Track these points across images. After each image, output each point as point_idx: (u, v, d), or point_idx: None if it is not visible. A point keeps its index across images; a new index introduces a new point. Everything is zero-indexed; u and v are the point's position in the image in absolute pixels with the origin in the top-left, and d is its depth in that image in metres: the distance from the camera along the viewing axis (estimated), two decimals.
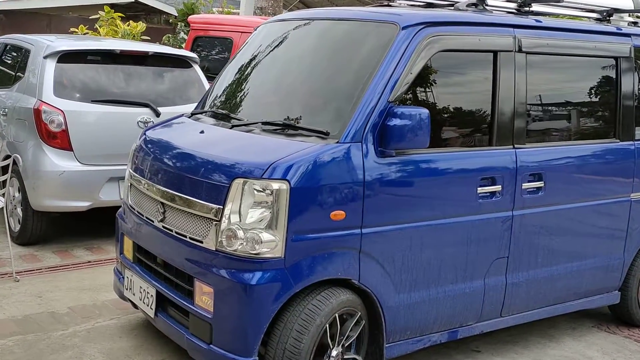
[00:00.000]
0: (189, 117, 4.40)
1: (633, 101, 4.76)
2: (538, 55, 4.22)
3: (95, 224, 6.85)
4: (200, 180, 3.53)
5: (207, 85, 6.83)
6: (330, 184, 3.42)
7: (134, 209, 4.15)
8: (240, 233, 3.35)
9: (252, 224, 3.35)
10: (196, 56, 6.82)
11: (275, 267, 3.33)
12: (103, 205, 6.16)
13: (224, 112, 4.13)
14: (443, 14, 3.93)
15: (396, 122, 3.49)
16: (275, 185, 3.31)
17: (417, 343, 3.91)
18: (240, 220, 3.37)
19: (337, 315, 3.51)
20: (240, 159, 3.47)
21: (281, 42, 4.26)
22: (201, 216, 3.52)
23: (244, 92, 4.29)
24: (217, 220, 3.43)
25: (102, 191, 6.06)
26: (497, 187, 4.00)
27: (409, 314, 3.80)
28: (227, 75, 4.51)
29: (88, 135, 5.98)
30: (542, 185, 4.20)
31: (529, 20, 4.26)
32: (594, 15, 5.01)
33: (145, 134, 4.34)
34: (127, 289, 4.19)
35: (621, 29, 4.77)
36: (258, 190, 3.34)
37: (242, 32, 8.34)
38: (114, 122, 6.11)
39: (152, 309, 3.89)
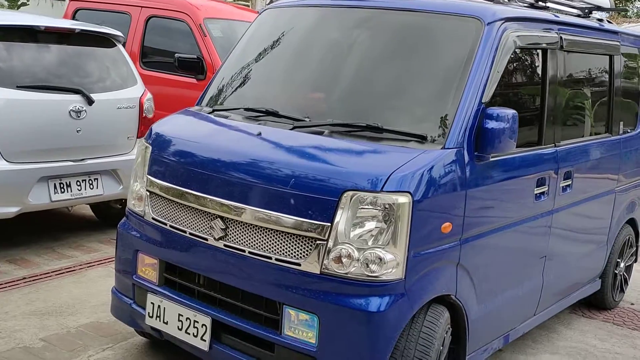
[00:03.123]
0: (209, 113, 3.80)
1: (620, 97, 4.96)
2: (569, 52, 4.22)
3: (10, 229, 5.81)
4: (294, 194, 3.05)
5: (133, 66, 6.06)
6: (442, 194, 3.13)
7: (163, 223, 3.52)
8: (355, 253, 2.95)
9: (367, 242, 2.96)
10: (121, 34, 6.00)
11: (396, 289, 2.98)
12: (33, 210, 5.25)
13: (266, 110, 3.59)
14: (515, 10, 3.75)
15: (493, 124, 3.27)
16: (396, 197, 2.95)
17: (484, 353, 3.76)
18: (352, 239, 2.96)
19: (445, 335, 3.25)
20: (346, 168, 3.04)
21: (327, 31, 3.81)
22: (296, 235, 3.05)
23: (286, 88, 3.78)
24: (322, 240, 2.98)
25: (31, 194, 5.13)
26: (545, 187, 3.95)
27: (484, 323, 3.64)
28: (248, 66, 3.96)
29: (15, 128, 5.01)
30: (571, 182, 4.23)
31: (566, 18, 4.23)
32: (574, 11, 5.11)
33: (163, 133, 3.67)
34: (151, 317, 3.55)
35: (613, 27, 4.92)
36: (374, 204, 2.95)
37: (142, 6, 7.50)
38: (43, 111, 5.18)
39: (204, 340, 3.33)
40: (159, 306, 3.52)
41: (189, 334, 3.39)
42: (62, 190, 5.33)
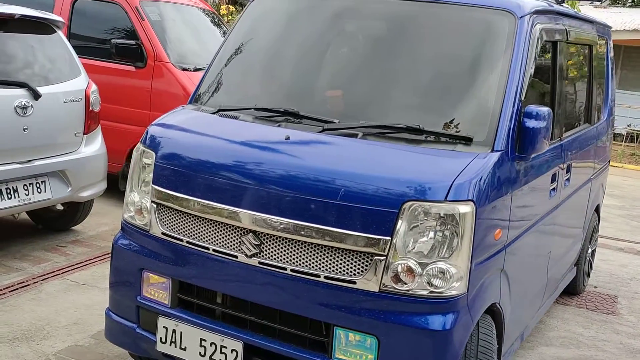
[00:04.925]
0: (214, 113, 3.43)
1: (596, 86, 4.99)
2: (571, 44, 4.16)
3: None
4: (345, 206, 2.77)
5: (75, 55, 5.49)
6: (496, 200, 2.97)
7: (177, 239, 3.15)
8: (417, 268, 2.74)
9: (429, 256, 2.75)
10: (61, 19, 5.41)
11: (460, 305, 2.79)
12: None
13: (285, 110, 3.27)
14: (538, 2, 3.60)
15: (533, 123, 3.13)
16: (459, 207, 2.75)
17: (509, 356, 3.66)
18: (413, 253, 2.74)
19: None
20: (402, 176, 2.80)
21: (346, 22, 3.51)
22: (349, 250, 2.79)
23: (301, 84, 3.46)
24: (380, 255, 2.75)
25: None
26: (556, 183, 3.89)
27: (513, 326, 3.54)
28: (249, 59, 3.61)
29: None
30: (570, 175, 4.20)
31: (568, 9, 4.16)
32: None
33: (167, 137, 3.28)
34: (164, 343, 3.19)
35: (590, 17, 4.92)
36: (437, 215, 2.74)
37: None
38: None
39: None
40: (174, 330, 3.16)
41: None
42: (9, 196, 4.76)
